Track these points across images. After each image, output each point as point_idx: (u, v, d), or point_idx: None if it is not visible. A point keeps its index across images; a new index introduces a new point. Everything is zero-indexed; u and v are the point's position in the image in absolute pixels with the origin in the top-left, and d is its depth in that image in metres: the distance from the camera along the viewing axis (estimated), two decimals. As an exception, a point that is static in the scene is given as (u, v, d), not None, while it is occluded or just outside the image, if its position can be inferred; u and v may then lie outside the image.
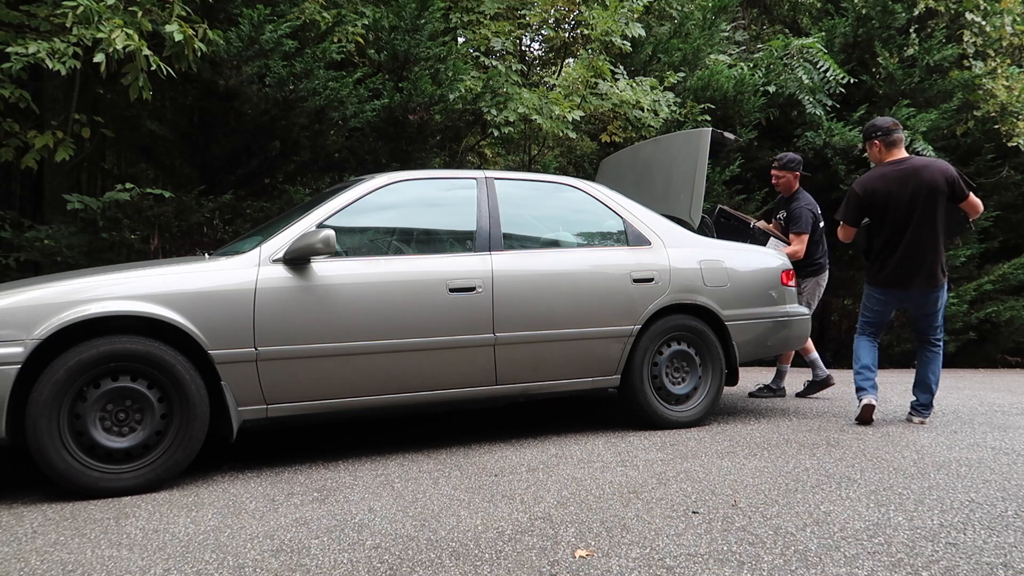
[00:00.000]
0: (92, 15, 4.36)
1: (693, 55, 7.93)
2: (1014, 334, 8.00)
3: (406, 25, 5.97)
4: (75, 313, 2.87)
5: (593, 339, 3.85)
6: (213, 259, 3.36)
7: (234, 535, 2.44)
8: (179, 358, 3.01)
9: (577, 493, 2.85)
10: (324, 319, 3.28)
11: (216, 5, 5.43)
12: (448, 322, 3.52)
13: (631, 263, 4.01)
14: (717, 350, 4.18)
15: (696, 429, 4.05)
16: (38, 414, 2.79)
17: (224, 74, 5.35)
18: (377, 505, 2.73)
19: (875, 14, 8.07)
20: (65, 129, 5.18)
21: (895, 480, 2.97)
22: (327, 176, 6.54)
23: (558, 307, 3.77)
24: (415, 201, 3.83)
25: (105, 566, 2.19)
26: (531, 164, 8.15)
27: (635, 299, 3.95)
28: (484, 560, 2.18)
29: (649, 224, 4.20)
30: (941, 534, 2.34)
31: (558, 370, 3.81)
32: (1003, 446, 3.59)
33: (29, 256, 5.17)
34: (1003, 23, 8.14)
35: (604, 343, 3.88)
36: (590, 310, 3.84)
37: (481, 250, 3.74)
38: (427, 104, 5.93)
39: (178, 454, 3.00)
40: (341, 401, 3.37)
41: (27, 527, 2.56)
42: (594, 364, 3.89)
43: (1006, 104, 7.68)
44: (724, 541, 2.30)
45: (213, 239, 5.50)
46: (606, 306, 3.88)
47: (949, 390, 5.66)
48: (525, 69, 7.45)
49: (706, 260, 4.20)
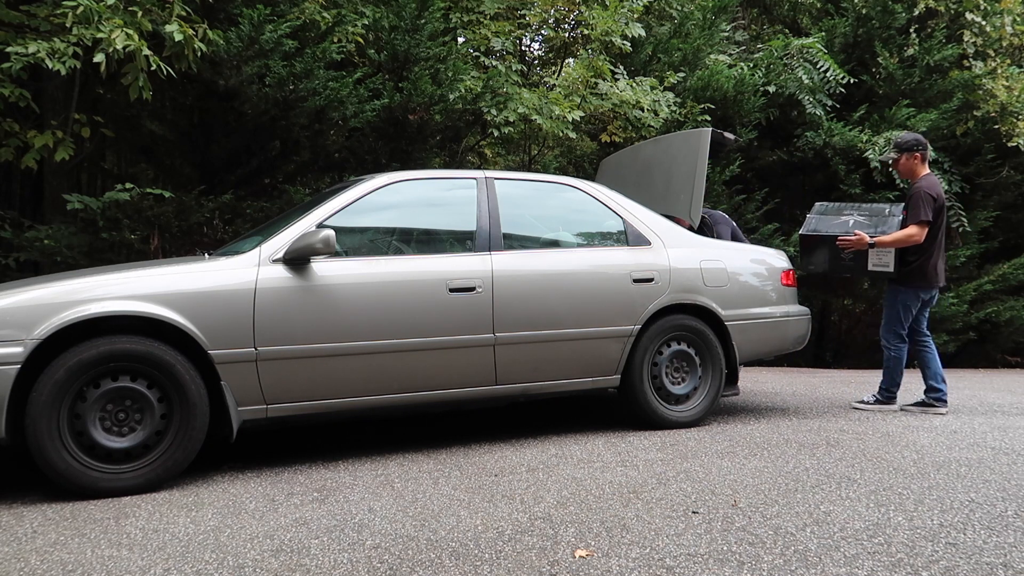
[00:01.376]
0: (92, 15, 4.36)
1: (693, 55, 7.93)
2: (1014, 334, 8.00)
3: (406, 25, 5.97)
4: (75, 313, 2.87)
5: (593, 339, 3.85)
6: (213, 259, 3.36)
7: (234, 535, 2.44)
8: (179, 358, 3.01)
9: (577, 493, 2.85)
10: (324, 319, 3.28)
11: (216, 5, 5.43)
12: (448, 322, 3.52)
13: (631, 263, 4.01)
14: (717, 350, 4.18)
15: (696, 429, 4.05)
16: (38, 414, 2.79)
17: (224, 74, 5.35)
18: (377, 505, 2.73)
19: (875, 14, 8.07)
20: (65, 129, 5.18)
21: (895, 480, 2.97)
22: (327, 176, 6.54)
23: (558, 307, 3.78)
24: (415, 201, 3.83)
25: (105, 566, 2.19)
26: (531, 164, 8.15)
27: (635, 299, 3.95)
28: (484, 560, 2.18)
29: (649, 224, 4.20)
30: (941, 534, 2.34)
31: (558, 370, 3.81)
32: (1003, 446, 3.59)
33: (29, 256, 5.17)
34: (1003, 23, 8.13)
35: (604, 343, 3.88)
36: (590, 310, 3.85)
37: (481, 250, 3.74)
38: (427, 104, 5.93)
39: (178, 454, 3.00)
40: (341, 401, 3.37)
41: (27, 527, 2.56)
42: (594, 364, 3.89)
43: (1006, 104, 7.68)
44: (724, 541, 2.30)
45: (213, 239, 5.50)
46: (606, 306, 3.88)
47: (949, 390, 5.64)
48: (525, 69, 7.45)
49: (706, 260, 4.21)
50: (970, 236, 7.97)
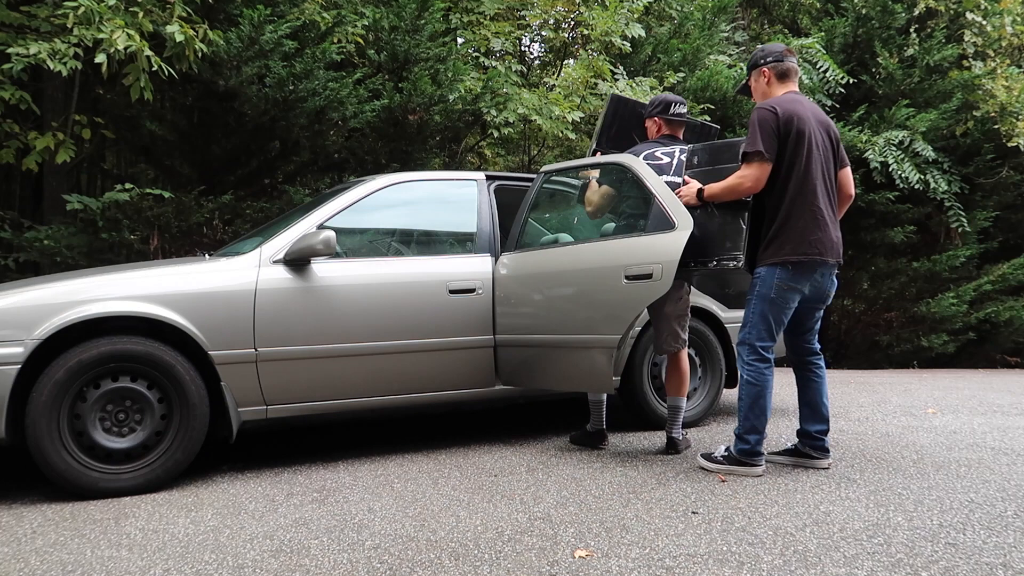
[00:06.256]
0: (93, 16, 4.36)
1: (693, 55, 7.93)
2: (1013, 334, 7.99)
3: (406, 26, 5.98)
4: (75, 313, 2.87)
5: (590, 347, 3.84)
6: (213, 260, 3.37)
7: (234, 535, 2.44)
8: (179, 359, 3.01)
9: (577, 493, 2.85)
10: (324, 320, 3.28)
11: (216, 5, 5.43)
12: (448, 324, 3.53)
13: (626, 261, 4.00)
14: (718, 352, 4.18)
15: (696, 429, 4.05)
16: (38, 414, 2.79)
17: (224, 74, 5.35)
18: (377, 505, 2.73)
19: (875, 14, 8.07)
20: (65, 130, 5.19)
21: (895, 480, 2.97)
22: (327, 176, 6.54)
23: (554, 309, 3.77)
24: (415, 202, 3.83)
25: (105, 566, 2.19)
26: (531, 164, 8.15)
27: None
28: (484, 560, 2.18)
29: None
30: (940, 534, 2.34)
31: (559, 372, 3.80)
32: (1003, 446, 3.59)
33: (29, 256, 5.17)
34: (1003, 23, 8.14)
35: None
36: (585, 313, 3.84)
37: (481, 251, 3.74)
38: (427, 104, 5.94)
39: (178, 454, 3.00)
40: (341, 402, 3.38)
41: (27, 527, 2.56)
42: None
43: (1006, 104, 7.68)
44: (724, 541, 2.30)
45: (213, 239, 5.50)
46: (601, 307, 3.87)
47: (949, 390, 5.66)
48: (525, 70, 7.45)
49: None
50: (970, 236, 7.97)
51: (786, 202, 2.98)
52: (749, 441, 3.03)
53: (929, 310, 7.67)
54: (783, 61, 3.15)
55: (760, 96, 3.20)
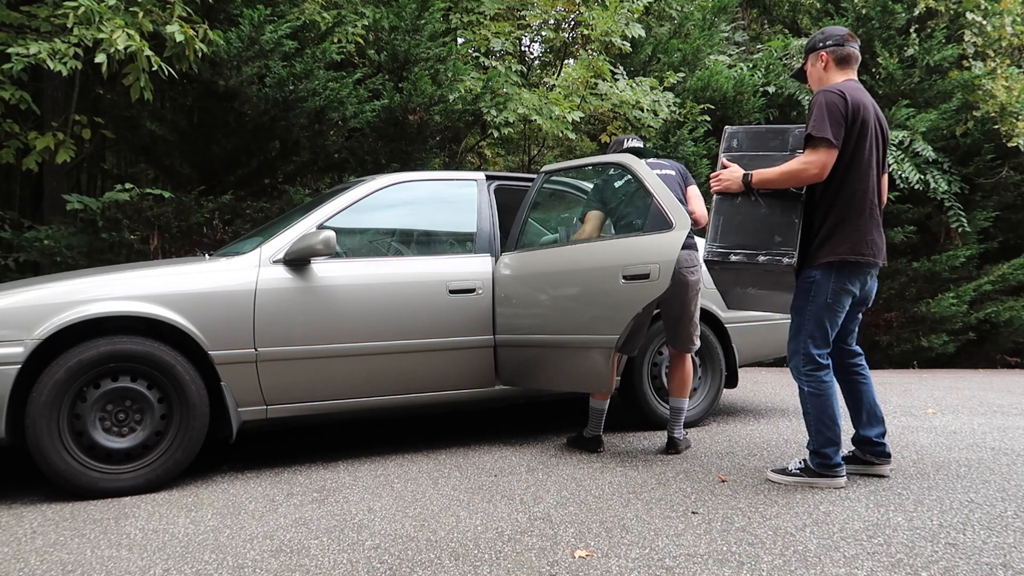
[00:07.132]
0: (93, 16, 4.36)
1: (693, 55, 7.93)
2: (1013, 334, 7.99)
3: (406, 26, 5.98)
4: (75, 313, 2.87)
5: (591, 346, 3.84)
6: (213, 260, 3.37)
7: (234, 535, 2.44)
8: (179, 359, 3.01)
9: (577, 493, 2.85)
10: (324, 320, 3.28)
11: (216, 5, 5.43)
12: (448, 324, 3.53)
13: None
14: (717, 352, 4.18)
15: (696, 429, 4.05)
16: (38, 414, 2.79)
17: (224, 74, 5.35)
18: (377, 505, 2.73)
19: (875, 14, 8.07)
20: (65, 130, 5.19)
21: (894, 480, 2.97)
22: (327, 176, 6.54)
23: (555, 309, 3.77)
24: (415, 202, 3.83)
25: (105, 566, 2.19)
26: (531, 164, 8.15)
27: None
28: (484, 560, 2.18)
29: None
30: (940, 534, 2.34)
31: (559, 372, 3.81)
32: (1003, 446, 3.59)
33: (29, 256, 5.17)
34: (1003, 23, 8.13)
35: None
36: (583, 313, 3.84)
37: (481, 252, 3.74)
38: (427, 104, 5.93)
39: (178, 454, 3.00)
40: (341, 402, 3.38)
41: (27, 527, 2.56)
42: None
43: (1006, 104, 7.67)
44: (724, 541, 2.30)
45: (213, 239, 5.50)
46: (600, 307, 3.88)
47: (949, 390, 5.66)
48: (525, 70, 7.45)
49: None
50: (970, 236, 7.96)
51: (845, 197, 2.77)
52: (828, 455, 2.86)
53: (929, 310, 7.66)
54: (844, 45, 2.91)
55: (816, 83, 2.97)
